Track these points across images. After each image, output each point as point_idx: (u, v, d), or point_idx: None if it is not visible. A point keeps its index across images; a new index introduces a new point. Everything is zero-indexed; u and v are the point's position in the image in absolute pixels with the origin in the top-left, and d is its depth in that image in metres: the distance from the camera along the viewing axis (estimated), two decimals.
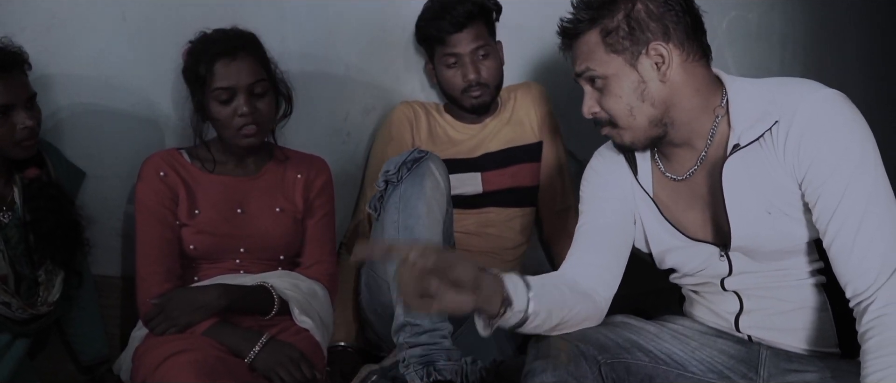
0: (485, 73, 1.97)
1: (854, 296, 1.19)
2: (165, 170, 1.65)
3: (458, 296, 1.10)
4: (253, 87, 1.60)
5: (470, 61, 1.96)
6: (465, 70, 1.96)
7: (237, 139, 1.63)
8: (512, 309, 1.18)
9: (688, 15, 1.28)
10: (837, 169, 1.19)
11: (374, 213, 1.68)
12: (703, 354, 1.37)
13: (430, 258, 1.06)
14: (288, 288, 1.65)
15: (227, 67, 1.59)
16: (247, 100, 1.59)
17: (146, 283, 1.60)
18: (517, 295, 1.20)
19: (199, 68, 1.60)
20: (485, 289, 1.14)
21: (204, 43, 1.63)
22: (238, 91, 1.59)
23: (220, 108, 1.60)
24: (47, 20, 1.75)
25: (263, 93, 1.63)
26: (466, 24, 1.94)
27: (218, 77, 1.59)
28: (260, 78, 1.62)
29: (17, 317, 1.55)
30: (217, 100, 1.59)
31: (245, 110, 1.59)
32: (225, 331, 1.54)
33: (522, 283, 1.22)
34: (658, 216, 1.39)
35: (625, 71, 1.28)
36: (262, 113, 1.62)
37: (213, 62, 1.59)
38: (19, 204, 1.59)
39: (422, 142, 2.01)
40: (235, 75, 1.59)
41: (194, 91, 1.64)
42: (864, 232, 1.17)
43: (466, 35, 1.94)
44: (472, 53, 1.95)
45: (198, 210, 1.66)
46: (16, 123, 1.52)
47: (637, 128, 1.31)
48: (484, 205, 2.02)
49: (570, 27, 1.32)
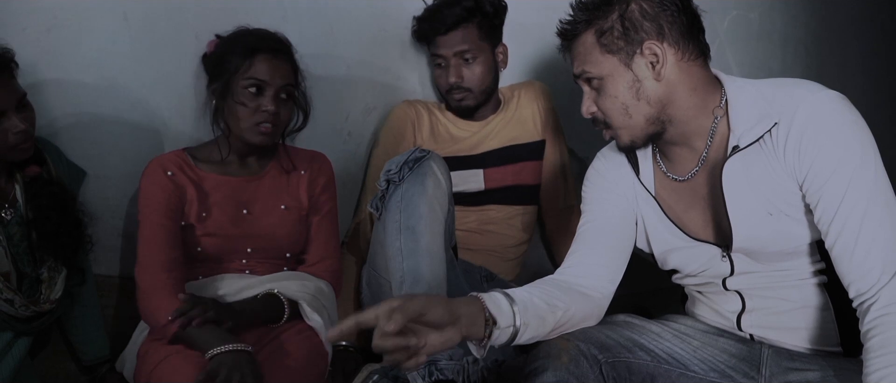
0: (467, 77, 1.98)
1: (857, 296, 1.20)
2: (173, 169, 1.65)
3: (443, 335, 1.11)
4: (283, 89, 1.63)
5: (453, 64, 1.97)
6: (448, 73, 1.98)
7: (252, 134, 1.63)
8: (498, 327, 1.19)
9: (683, 14, 1.29)
10: (838, 170, 1.20)
11: (376, 213, 1.68)
12: (705, 353, 1.37)
13: (398, 318, 1.06)
14: (296, 289, 1.65)
15: (266, 62, 1.62)
16: (273, 99, 1.62)
17: (148, 271, 1.58)
18: (501, 313, 1.20)
19: (234, 56, 1.62)
20: (465, 317, 1.15)
21: (247, 34, 1.66)
22: (269, 87, 1.61)
23: (246, 100, 1.61)
24: (48, 21, 1.74)
25: (288, 98, 1.66)
26: (453, 27, 1.95)
27: (255, 68, 1.61)
28: (289, 83, 1.65)
29: (20, 315, 1.54)
30: (246, 91, 1.61)
31: (271, 108, 1.61)
32: (202, 330, 1.49)
33: (505, 299, 1.22)
34: (661, 215, 1.40)
35: (620, 71, 1.29)
36: (281, 116, 1.65)
37: (255, 53, 1.61)
38: (21, 201, 1.59)
39: (424, 141, 2.01)
40: (271, 72, 1.62)
41: (218, 75, 1.65)
42: (865, 232, 1.18)
43: (452, 38, 1.95)
44: (456, 57, 1.96)
45: (206, 213, 1.66)
46: (7, 129, 1.49)
47: (634, 126, 1.32)
48: (486, 202, 2.02)
49: (567, 29, 1.34)
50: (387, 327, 1.05)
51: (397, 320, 1.06)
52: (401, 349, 1.08)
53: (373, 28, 2.10)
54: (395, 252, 1.56)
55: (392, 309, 1.07)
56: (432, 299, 1.12)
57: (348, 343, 1.85)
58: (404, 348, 1.08)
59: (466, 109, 2.02)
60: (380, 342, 1.06)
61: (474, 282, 1.85)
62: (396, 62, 2.15)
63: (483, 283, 1.88)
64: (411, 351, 1.09)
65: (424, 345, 1.10)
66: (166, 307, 1.51)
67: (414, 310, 1.08)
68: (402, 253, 1.55)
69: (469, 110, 2.03)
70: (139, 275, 1.59)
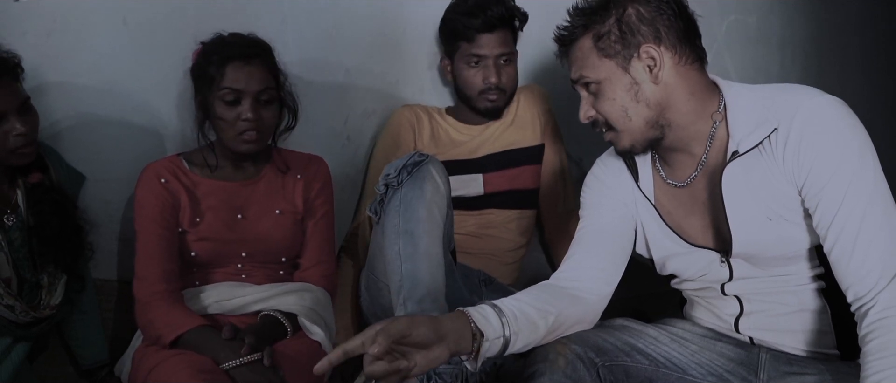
0: (505, 78, 1.98)
1: (855, 300, 1.20)
2: (167, 176, 1.65)
3: (430, 353, 1.12)
4: (260, 94, 1.62)
5: (494, 64, 1.97)
6: (488, 72, 1.97)
7: (236, 143, 1.63)
8: (486, 339, 1.19)
9: (680, 19, 1.29)
10: (836, 175, 1.20)
11: (375, 217, 1.68)
12: (703, 357, 1.37)
13: (381, 340, 1.07)
14: (292, 304, 1.65)
15: (238, 71, 1.60)
16: (252, 107, 1.61)
17: (145, 283, 1.59)
18: (489, 325, 1.20)
19: (210, 67, 1.61)
20: (452, 333, 1.15)
21: (220, 43, 1.65)
22: (245, 95, 1.60)
23: (224, 110, 1.61)
24: (48, 25, 1.75)
25: (269, 101, 1.64)
26: (497, 27, 1.94)
27: (228, 78, 1.60)
28: (268, 86, 1.64)
29: (20, 320, 1.55)
30: (223, 101, 1.60)
31: (249, 116, 1.60)
32: (204, 338, 1.51)
33: (492, 310, 1.22)
34: (659, 222, 1.40)
35: (617, 74, 1.30)
36: (264, 121, 1.64)
37: (226, 63, 1.60)
38: (23, 207, 1.59)
39: (424, 145, 2.02)
40: (245, 80, 1.60)
41: (200, 88, 1.65)
42: (863, 237, 1.18)
43: (495, 38, 1.95)
44: (497, 57, 1.96)
45: (199, 218, 1.66)
46: (8, 131, 1.50)
47: (634, 129, 1.32)
48: (485, 206, 2.02)
49: (564, 34, 1.35)
50: (372, 350, 1.06)
51: (381, 342, 1.06)
52: (393, 372, 1.08)
53: (372, 32, 2.10)
54: (394, 256, 1.56)
55: (376, 333, 1.07)
56: (416, 319, 1.13)
57: None
58: (396, 371, 1.09)
59: (495, 110, 2.02)
60: (370, 369, 1.07)
61: (473, 286, 1.85)
62: (395, 66, 2.15)
63: (481, 287, 1.88)
64: (402, 374, 1.10)
65: (414, 366, 1.10)
66: (164, 318, 1.52)
67: (397, 331, 1.09)
68: (400, 257, 1.55)
69: (498, 111, 2.03)
70: (137, 287, 1.60)
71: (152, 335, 1.54)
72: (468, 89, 2.01)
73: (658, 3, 1.29)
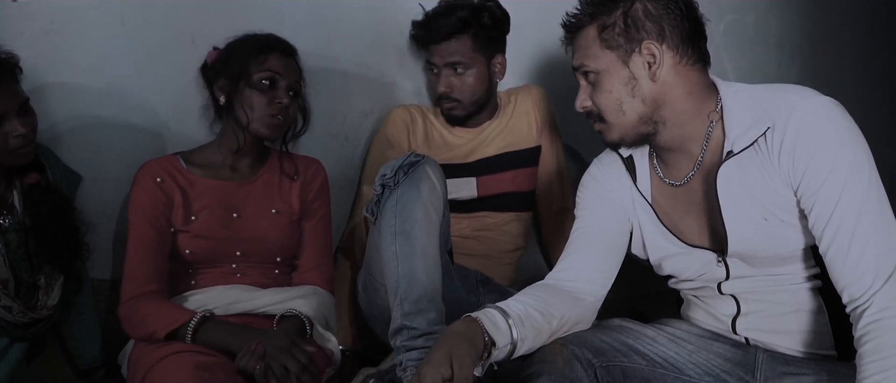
0: (457, 88, 1.97)
1: (850, 301, 1.20)
2: (162, 176, 1.65)
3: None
4: (294, 85, 1.68)
5: (444, 74, 1.97)
6: (436, 81, 1.98)
7: (262, 124, 1.65)
8: (496, 347, 1.22)
9: (687, 20, 1.30)
10: (831, 176, 1.20)
11: (372, 217, 1.68)
12: (700, 358, 1.37)
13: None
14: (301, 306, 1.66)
15: (280, 60, 1.67)
16: (286, 94, 1.66)
17: (133, 283, 1.59)
18: (498, 332, 1.23)
19: (249, 51, 1.66)
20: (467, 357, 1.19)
21: (257, 38, 1.70)
22: (282, 81, 1.66)
23: (259, 96, 1.64)
24: (45, 26, 1.74)
25: (296, 96, 1.70)
26: (447, 37, 1.94)
27: (269, 64, 1.65)
28: (299, 80, 1.71)
29: (17, 321, 1.55)
30: (257, 87, 1.64)
31: (285, 101, 1.65)
32: (212, 332, 1.52)
33: (501, 316, 1.24)
34: (656, 222, 1.40)
35: (616, 67, 1.30)
36: (289, 112, 1.68)
37: (268, 52, 1.66)
38: (19, 208, 1.59)
39: (418, 146, 2.01)
40: (285, 69, 1.67)
41: (228, 72, 1.66)
42: (858, 237, 1.18)
43: (445, 48, 1.95)
44: (447, 66, 1.96)
45: (194, 216, 1.66)
46: (8, 132, 1.49)
47: (625, 123, 1.32)
48: (479, 209, 2.02)
49: (571, 22, 1.36)
50: None
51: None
52: None
53: (370, 33, 2.10)
54: (391, 256, 1.56)
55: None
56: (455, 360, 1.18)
57: (345, 347, 1.86)
58: None
59: (456, 118, 2.03)
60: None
61: (470, 287, 1.85)
62: (393, 67, 2.15)
63: (478, 287, 1.88)
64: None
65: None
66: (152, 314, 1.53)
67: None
68: (397, 257, 1.55)
69: (459, 119, 2.03)
70: (124, 285, 1.59)
71: (146, 331, 1.53)
72: (432, 96, 2.04)
73: (667, 2, 1.29)
